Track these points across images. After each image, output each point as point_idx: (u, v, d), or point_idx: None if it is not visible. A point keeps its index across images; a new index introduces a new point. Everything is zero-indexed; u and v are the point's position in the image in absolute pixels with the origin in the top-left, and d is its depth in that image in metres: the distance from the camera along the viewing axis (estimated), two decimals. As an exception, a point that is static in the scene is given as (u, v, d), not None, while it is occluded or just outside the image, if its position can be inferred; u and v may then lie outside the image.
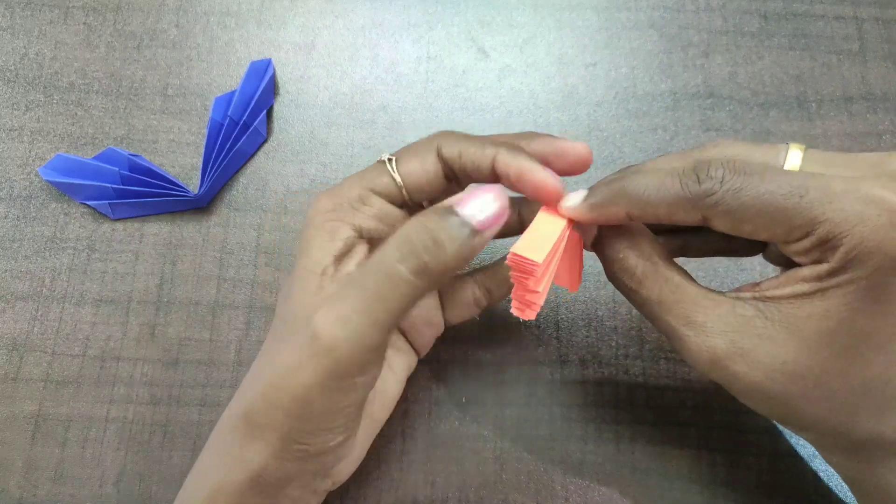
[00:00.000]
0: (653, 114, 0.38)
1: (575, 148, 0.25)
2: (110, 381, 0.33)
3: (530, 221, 0.24)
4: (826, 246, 0.20)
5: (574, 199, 0.23)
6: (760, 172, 0.21)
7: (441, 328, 0.30)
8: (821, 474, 0.31)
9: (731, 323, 0.22)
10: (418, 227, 0.21)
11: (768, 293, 0.22)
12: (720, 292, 0.23)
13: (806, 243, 0.20)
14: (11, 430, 0.32)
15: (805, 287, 0.21)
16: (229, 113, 0.36)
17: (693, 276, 0.34)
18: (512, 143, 0.25)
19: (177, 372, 0.33)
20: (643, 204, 0.22)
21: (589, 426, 0.32)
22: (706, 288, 0.23)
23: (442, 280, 0.22)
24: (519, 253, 0.22)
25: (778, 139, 0.37)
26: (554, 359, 0.33)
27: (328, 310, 0.21)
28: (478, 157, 0.24)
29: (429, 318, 0.30)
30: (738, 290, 0.23)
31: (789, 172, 0.21)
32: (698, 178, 0.21)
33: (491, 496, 0.31)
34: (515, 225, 0.28)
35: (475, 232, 0.21)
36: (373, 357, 0.22)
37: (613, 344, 0.33)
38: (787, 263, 0.23)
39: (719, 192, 0.21)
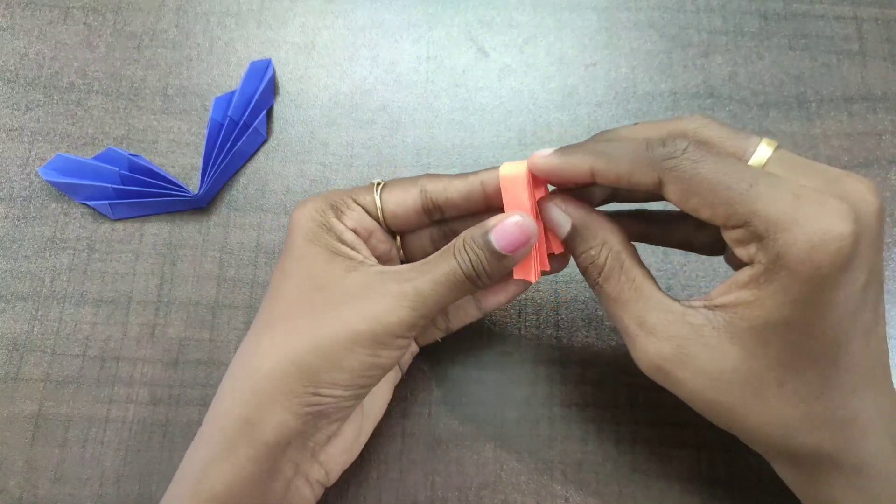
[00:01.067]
0: (653, 114, 0.38)
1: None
2: (110, 381, 0.33)
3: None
4: (760, 243, 0.21)
5: (543, 152, 0.25)
6: (721, 156, 0.22)
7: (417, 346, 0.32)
8: (821, 474, 0.31)
9: (680, 329, 0.22)
10: (469, 242, 0.24)
11: (716, 301, 0.22)
12: (676, 299, 0.23)
13: (742, 232, 0.21)
14: (11, 430, 0.32)
15: (745, 295, 0.21)
16: (229, 113, 0.36)
17: (693, 275, 0.34)
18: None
19: (177, 372, 0.33)
20: (606, 158, 0.23)
21: (589, 426, 0.32)
22: (665, 293, 0.24)
23: (486, 286, 0.25)
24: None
25: (777, 139, 0.37)
26: (554, 359, 0.33)
27: (401, 283, 0.24)
28: (463, 187, 0.27)
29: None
30: (691, 299, 0.24)
31: (748, 166, 0.22)
32: (664, 143, 0.22)
33: (491, 496, 0.31)
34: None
35: (502, 256, 0.24)
36: (417, 328, 0.25)
37: (613, 344, 0.33)
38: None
39: (679, 157, 0.22)
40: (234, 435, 0.24)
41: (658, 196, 0.25)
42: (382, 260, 0.29)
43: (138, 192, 0.35)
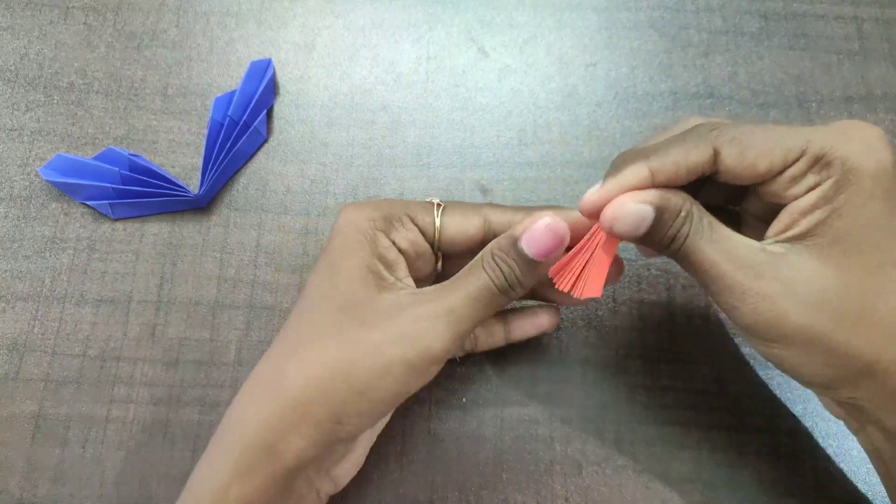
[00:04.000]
0: (653, 114, 0.38)
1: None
2: (110, 381, 0.33)
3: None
4: (821, 162, 0.22)
5: (591, 190, 0.24)
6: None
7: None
8: (822, 474, 0.31)
9: (766, 259, 0.22)
10: (499, 252, 0.24)
11: (786, 235, 0.22)
12: None
13: (802, 164, 0.22)
14: (11, 430, 0.32)
15: (818, 215, 0.22)
16: (229, 113, 0.36)
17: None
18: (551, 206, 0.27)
19: (177, 372, 0.33)
20: (656, 154, 0.23)
21: (589, 426, 0.32)
22: None
23: (519, 296, 0.25)
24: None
25: (778, 139, 0.37)
26: (554, 359, 0.33)
27: (434, 302, 0.24)
28: (528, 223, 0.26)
29: None
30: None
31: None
32: (702, 124, 0.23)
33: (491, 496, 0.31)
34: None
35: (536, 263, 0.24)
36: (451, 352, 0.25)
37: (613, 344, 0.33)
38: None
39: (723, 126, 0.23)
40: (256, 458, 0.24)
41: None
42: (422, 280, 0.28)
43: (138, 192, 0.35)
